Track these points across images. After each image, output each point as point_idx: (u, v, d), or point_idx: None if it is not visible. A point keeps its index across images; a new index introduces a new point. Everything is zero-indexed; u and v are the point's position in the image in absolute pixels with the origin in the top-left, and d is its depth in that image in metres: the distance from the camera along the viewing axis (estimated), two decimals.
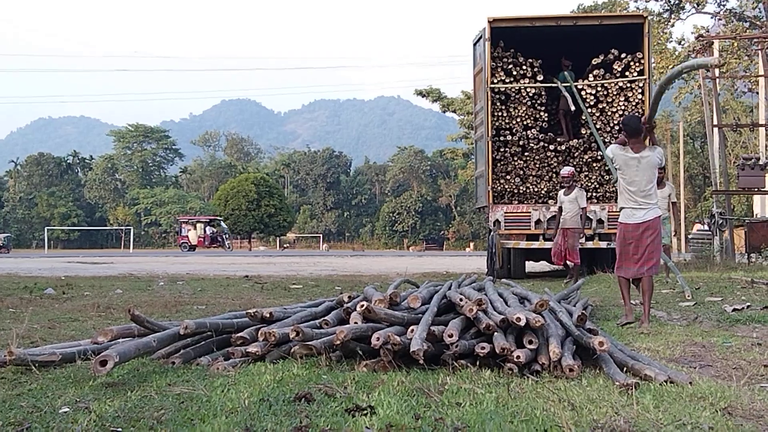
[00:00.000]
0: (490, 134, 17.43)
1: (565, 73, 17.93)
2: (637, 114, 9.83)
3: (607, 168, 17.24)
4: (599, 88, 17.65)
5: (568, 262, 14.69)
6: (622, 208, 7.80)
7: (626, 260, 7.77)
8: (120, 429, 3.56)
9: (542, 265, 22.54)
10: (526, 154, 17.94)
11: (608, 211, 16.60)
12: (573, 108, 17.64)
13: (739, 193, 21.49)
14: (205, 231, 67.02)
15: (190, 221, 69.92)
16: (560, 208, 14.12)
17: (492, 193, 17.47)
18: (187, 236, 67.02)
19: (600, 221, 16.54)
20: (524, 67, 17.83)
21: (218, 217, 73.91)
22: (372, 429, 3.53)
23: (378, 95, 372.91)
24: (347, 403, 3.98)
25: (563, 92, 17.62)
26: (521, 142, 17.83)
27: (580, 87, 17.69)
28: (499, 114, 17.80)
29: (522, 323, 5.07)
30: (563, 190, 14.21)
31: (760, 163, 20.15)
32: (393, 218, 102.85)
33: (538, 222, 16.91)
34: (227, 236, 69.37)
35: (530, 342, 5.05)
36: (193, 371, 5.00)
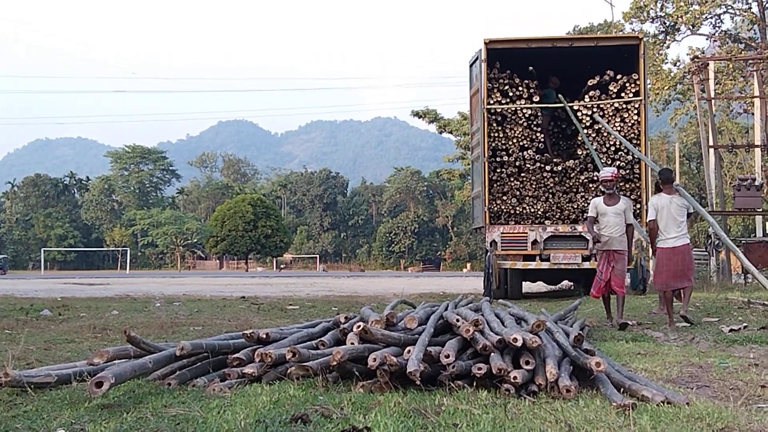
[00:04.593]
0: (486, 155, 17.46)
1: (553, 90, 18.05)
2: (669, 168, 10.38)
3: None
4: (595, 109, 17.70)
5: (614, 291, 10.39)
6: (660, 239, 9.85)
7: (668, 277, 9.72)
8: None
9: (539, 286, 22.55)
10: (522, 174, 17.97)
11: None
12: (573, 127, 17.70)
13: (735, 213, 21.55)
14: None
15: None
16: (592, 222, 10.48)
17: (488, 214, 17.48)
18: None
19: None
20: (520, 88, 17.90)
21: None
22: None
23: (375, 116, 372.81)
24: (344, 425, 3.98)
25: (567, 111, 17.65)
26: (517, 163, 17.87)
27: (576, 108, 17.76)
28: (496, 135, 17.85)
29: (519, 344, 5.07)
30: (603, 198, 10.38)
31: (756, 183, 20.21)
32: (390, 239, 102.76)
33: (534, 242, 16.91)
34: None
35: (527, 363, 5.04)
36: (189, 392, 4.99)
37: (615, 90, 17.66)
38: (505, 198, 17.97)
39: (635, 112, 17.44)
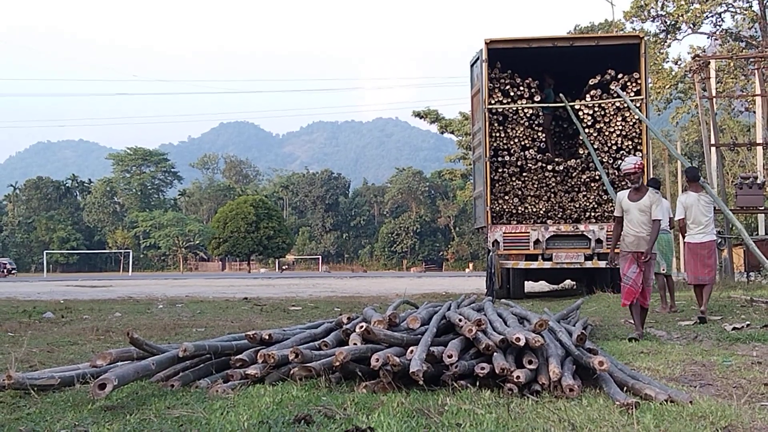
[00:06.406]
0: (488, 155, 17.46)
1: (550, 90, 18.05)
2: (694, 166, 10.79)
3: (605, 188, 17.28)
4: (596, 108, 17.69)
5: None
6: (688, 234, 10.49)
7: (694, 269, 10.34)
8: None
9: (541, 285, 22.54)
10: (524, 174, 17.96)
11: (607, 231, 16.53)
12: (574, 126, 17.67)
13: (737, 212, 21.50)
14: None
15: None
16: (618, 223, 8.82)
17: (490, 214, 17.48)
18: None
19: (599, 241, 16.53)
20: (521, 88, 17.89)
21: None
22: None
23: (376, 117, 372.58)
24: (347, 425, 3.97)
25: (568, 111, 17.64)
26: (519, 163, 17.86)
27: (577, 107, 17.75)
28: (497, 135, 17.84)
29: (521, 343, 5.06)
30: (628, 193, 8.64)
31: (758, 182, 20.18)
32: (392, 239, 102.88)
33: (536, 242, 16.89)
34: None
35: (530, 362, 5.04)
36: (192, 394, 4.99)
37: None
38: (507, 198, 17.98)
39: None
